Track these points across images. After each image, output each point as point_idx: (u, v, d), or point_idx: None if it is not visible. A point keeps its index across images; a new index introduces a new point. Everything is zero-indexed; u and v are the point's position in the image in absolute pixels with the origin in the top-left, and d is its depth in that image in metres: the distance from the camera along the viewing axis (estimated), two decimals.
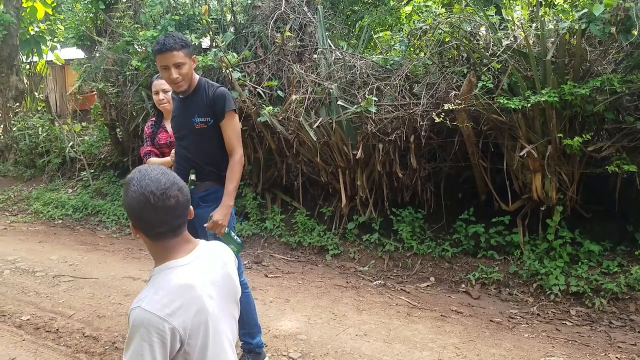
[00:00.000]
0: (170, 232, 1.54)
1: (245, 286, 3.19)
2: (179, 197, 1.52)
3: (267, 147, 6.32)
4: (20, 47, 11.33)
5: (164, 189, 1.49)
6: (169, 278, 1.50)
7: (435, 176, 5.35)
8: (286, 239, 6.00)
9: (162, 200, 1.49)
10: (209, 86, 3.00)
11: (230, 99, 2.98)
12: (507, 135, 4.65)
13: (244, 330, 3.22)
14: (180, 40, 2.84)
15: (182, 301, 1.47)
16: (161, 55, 2.83)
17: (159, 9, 6.67)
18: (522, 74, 4.42)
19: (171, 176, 1.54)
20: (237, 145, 2.99)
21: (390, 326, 3.93)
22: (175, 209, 1.52)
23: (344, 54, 5.57)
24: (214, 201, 3.02)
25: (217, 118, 2.96)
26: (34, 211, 7.87)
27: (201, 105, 2.95)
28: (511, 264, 4.82)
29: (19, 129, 10.19)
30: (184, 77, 2.87)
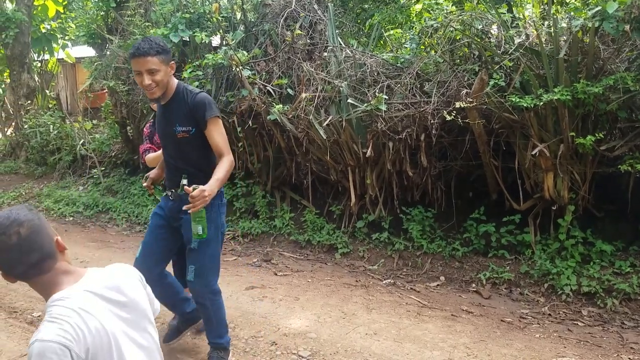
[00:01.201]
0: (31, 270, 1.49)
1: (217, 294, 3.21)
2: (20, 232, 1.46)
3: (277, 146, 6.32)
4: (31, 45, 11.40)
5: (18, 223, 1.46)
6: (62, 307, 1.46)
7: (445, 175, 5.33)
8: (295, 237, 6.00)
9: (3, 241, 1.44)
10: (188, 93, 2.89)
11: (211, 105, 2.88)
12: (518, 133, 4.62)
13: (212, 334, 3.26)
14: (157, 46, 2.70)
15: (80, 326, 1.43)
16: (134, 60, 2.71)
17: (170, 7, 6.69)
18: (534, 72, 4.39)
19: (11, 214, 1.48)
20: (226, 152, 2.89)
21: (400, 325, 3.92)
22: (22, 245, 1.46)
23: (354, 52, 5.55)
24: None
25: (199, 126, 2.87)
26: (45, 208, 7.93)
27: (181, 113, 2.86)
28: (522, 263, 4.79)
29: (30, 127, 10.26)
30: (158, 83, 2.74)
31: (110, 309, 1.53)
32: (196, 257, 3.05)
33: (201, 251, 3.02)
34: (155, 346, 1.67)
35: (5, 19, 10.43)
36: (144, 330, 1.63)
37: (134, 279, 1.68)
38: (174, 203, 3.05)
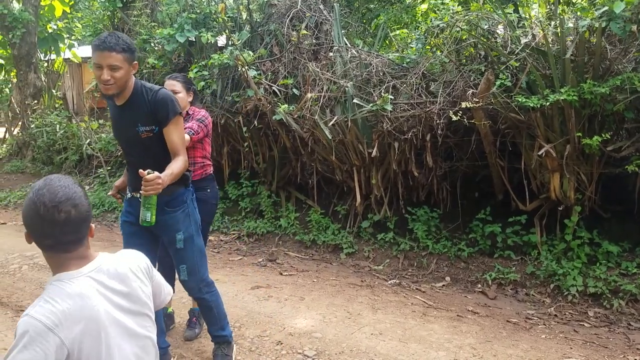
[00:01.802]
0: (59, 246, 1.51)
1: (212, 285, 3.21)
2: (72, 212, 1.48)
3: (282, 145, 6.34)
4: (38, 44, 11.46)
5: (56, 202, 1.46)
6: (60, 289, 1.48)
7: (451, 175, 5.32)
8: (300, 237, 6.00)
9: (51, 213, 1.45)
10: (147, 90, 2.79)
11: (173, 102, 2.80)
12: (525, 134, 4.61)
13: (215, 326, 3.26)
14: (123, 43, 2.62)
15: (71, 312, 1.43)
16: (98, 53, 2.60)
17: (176, 7, 6.70)
18: (540, 73, 4.37)
19: (71, 190, 1.50)
20: (182, 152, 2.81)
21: (405, 325, 3.92)
22: (65, 225, 1.47)
23: (359, 52, 5.55)
24: (180, 204, 2.96)
25: (161, 124, 2.79)
26: None
27: (142, 113, 2.77)
28: (528, 264, 4.78)
29: (36, 126, 10.32)
30: (116, 81, 2.64)
31: (109, 297, 1.54)
32: (185, 256, 3.03)
33: (188, 249, 3.01)
34: (151, 339, 1.67)
35: (12, 19, 10.49)
36: (143, 321, 1.64)
37: (140, 268, 1.68)
38: None
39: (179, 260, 3.05)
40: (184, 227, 2.99)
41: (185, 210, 2.99)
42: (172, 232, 2.97)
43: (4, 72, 12.19)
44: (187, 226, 3.00)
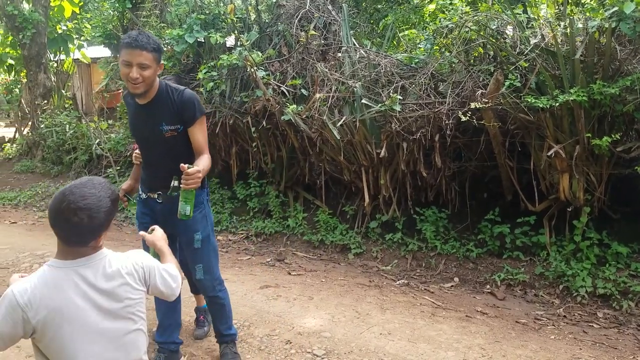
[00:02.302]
0: (63, 238, 1.63)
1: (223, 283, 3.24)
2: (84, 220, 1.58)
3: (290, 146, 6.36)
4: (48, 45, 11.56)
5: (79, 206, 1.57)
6: (46, 274, 1.61)
7: (460, 175, 5.32)
8: (308, 237, 6.02)
9: (69, 211, 1.57)
10: (173, 90, 2.81)
11: (199, 103, 2.83)
12: (534, 134, 4.60)
13: (225, 325, 3.29)
14: (154, 42, 2.63)
15: (42, 298, 1.56)
16: (129, 50, 2.59)
17: (185, 8, 6.74)
18: (550, 73, 4.37)
19: (97, 201, 1.61)
20: (206, 151, 2.85)
21: (414, 326, 3.92)
22: (74, 228, 1.59)
23: (368, 52, 5.56)
24: (198, 205, 2.95)
25: (186, 124, 2.81)
26: None
27: (168, 112, 2.77)
28: (537, 265, 4.77)
29: (46, 126, 10.40)
30: (145, 79, 2.63)
31: (87, 293, 1.62)
32: (202, 255, 3.05)
33: (205, 248, 3.04)
34: (132, 342, 1.73)
35: (22, 20, 10.59)
36: (122, 323, 1.70)
37: (134, 270, 1.74)
38: (164, 205, 2.95)
39: (195, 259, 3.06)
40: (202, 227, 3.02)
41: (202, 211, 3.01)
42: (191, 232, 2.98)
43: (14, 72, 12.30)
44: (204, 226, 3.03)
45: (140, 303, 1.76)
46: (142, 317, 1.79)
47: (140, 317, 1.77)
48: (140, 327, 1.77)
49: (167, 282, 1.86)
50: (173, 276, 1.88)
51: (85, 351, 1.63)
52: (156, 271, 1.80)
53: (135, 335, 1.75)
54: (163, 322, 3.20)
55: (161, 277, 1.82)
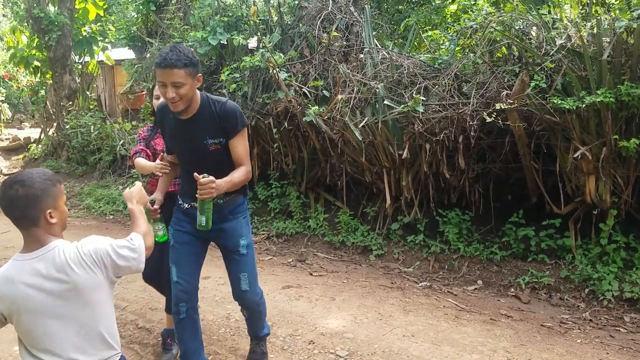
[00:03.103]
0: (13, 222, 1.77)
1: (262, 295, 3.19)
2: (19, 191, 1.73)
3: (312, 147, 6.37)
4: (73, 47, 11.75)
5: (12, 180, 1.76)
6: (7, 266, 1.77)
7: (484, 177, 5.26)
8: (329, 238, 6.03)
9: (4, 187, 1.76)
10: (215, 103, 2.74)
11: (242, 114, 2.78)
12: (560, 136, 4.55)
13: (261, 328, 3.29)
14: (185, 57, 2.52)
15: (1, 288, 1.73)
16: (160, 71, 2.54)
17: (208, 10, 6.81)
18: (576, 74, 4.31)
19: (30, 175, 1.77)
20: (246, 163, 2.79)
21: (438, 328, 3.90)
22: (12, 201, 1.74)
23: (390, 53, 5.55)
24: (242, 212, 2.96)
25: (228, 136, 2.74)
26: (86, 207, 8.16)
27: (211, 125, 2.70)
28: (562, 268, 4.71)
29: (71, 127, 10.58)
30: (182, 97, 2.56)
31: (40, 284, 1.72)
32: (247, 263, 2.97)
33: (249, 255, 2.97)
34: (92, 327, 1.81)
35: (48, 22, 10.78)
36: (79, 308, 1.77)
37: (89, 255, 1.78)
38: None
39: (240, 268, 2.96)
40: (246, 233, 2.97)
41: (245, 217, 2.98)
42: (237, 238, 2.93)
43: (40, 74, 12.50)
44: (247, 232, 2.98)
45: (96, 289, 1.80)
46: (102, 305, 1.84)
47: (98, 304, 1.82)
48: (100, 316, 1.83)
49: (125, 255, 1.85)
50: (131, 247, 1.87)
51: (47, 336, 1.75)
52: (110, 250, 1.82)
53: (94, 323, 1.82)
54: (188, 348, 3.00)
55: (116, 253, 1.83)
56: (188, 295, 2.93)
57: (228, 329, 3.97)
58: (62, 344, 1.76)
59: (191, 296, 2.95)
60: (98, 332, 1.82)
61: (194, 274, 2.98)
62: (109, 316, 1.88)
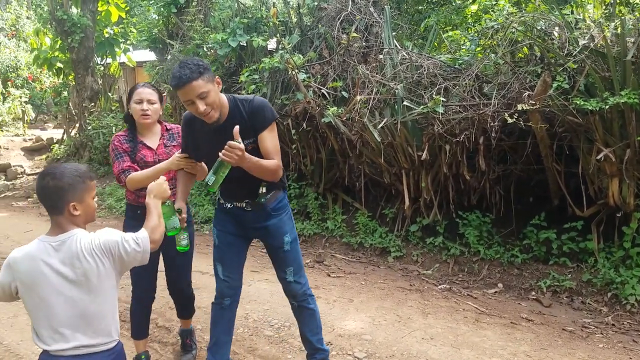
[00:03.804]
0: (45, 207, 1.98)
1: (309, 288, 3.10)
2: (49, 183, 1.92)
3: (330, 148, 6.37)
4: (95, 49, 11.93)
5: (45, 172, 1.96)
6: (32, 244, 1.95)
7: (505, 179, 5.19)
8: (347, 239, 6.02)
9: (39, 178, 1.97)
10: (243, 102, 2.72)
11: (270, 108, 2.73)
12: (583, 137, 4.47)
13: (317, 335, 3.12)
14: (197, 67, 2.49)
15: (20, 264, 1.91)
16: (181, 91, 2.51)
17: (228, 12, 6.85)
18: (599, 75, 4.24)
19: (62, 170, 1.95)
20: (276, 157, 2.72)
21: (457, 331, 3.87)
22: (42, 190, 1.93)
23: (410, 54, 5.52)
24: (283, 209, 2.95)
25: (257, 131, 2.69)
26: (108, 206, 8.27)
27: (243, 127, 2.60)
28: (585, 271, 4.64)
29: (93, 128, 10.73)
30: (213, 105, 2.55)
31: (55, 265, 1.89)
32: (292, 257, 2.95)
33: (294, 250, 2.96)
34: (94, 311, 1.93)
35: (71, 24, 10.97)
36: (84, 293, 1.91)
37: (97, 245, 1.92)
38: (254, 213, 2.88)
39: (285, 263, 2.96)
40: (289, 229, 2.96)
41: (288, 213, 2.97)
42: (281, 235, 2.91)
43: (63, 75, 12.71)
44: (291, 228, 2.97)
45: (104, 278, 1.94)
46: (108, 293, 1.97)
47: (103, 292, 1.95)
48: (104, 303, 1.96)
49: (130, 249, 1.96)
50: (137, 240, 1.98)
51: (52, 312, 1.90)
52: (119, 242, 1.95)
53: (98, 308, 1.94)
54: (220, 339, 3.03)
55: (123, 247, 1.95)
56: (233, 291, 3.03)
57: (246, 328, 3.99)
58: (64, 322, 1.91)
59: (236, 291, 3.05)
60: (99, 318, 1.95)
61: (238, 271, 3.06)
62: (112, 305, 2.01)
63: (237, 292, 3.07)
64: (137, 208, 3.10)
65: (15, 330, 4.00)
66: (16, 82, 17.28)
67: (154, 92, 3.14)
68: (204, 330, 3.86)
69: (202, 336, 3.80)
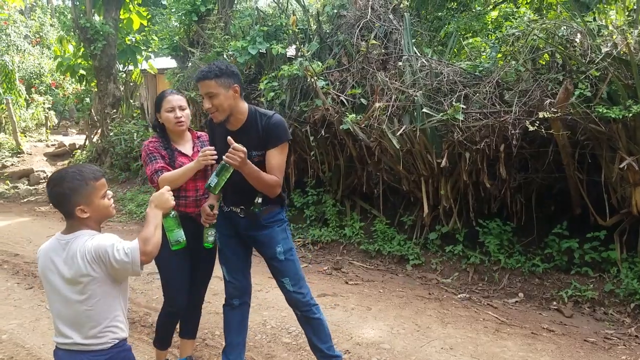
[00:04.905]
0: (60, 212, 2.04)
1: (317, 304, 3.10)
2: (52, 189, 1.98)
3: (348, 155, 6.36)
4: (117, 56, 12.10)
5: (53, 177, 2.01)
6: (50, 240, 2.05)
7: (526, 187, 5.14)
8: (365, 246, 6.00)
9: (49, 181, 2.03)
10: (262, 116, 2.83)
11: (286, 130, 2.84)
12: (605, 146, 4.41)
13: (327, 344, 3.10)
14: (216, 69, 2.67)
15: (40, 257, 2.04)
16: (198, 84, 2.78)
17: (248, 20, 6.91)
18: (623, 82, 4.18)
19: (62, 175, 1.99)
20: (278, 175, 2.82)
21: (477, 341, 3.82)
22: (52, 195, 1.99)
23: (430, 61, 5.50)
24: (277, 222, 3.00)
25: (267, 147, 2.81)
26: (129, 212, 8.37)
27: (256, 138, 2.79)
28: (607, 282, 4.56)
29: (115, 134, 10.88)
30: (217, 108, 2.71)
31: (56, 262, 1.97)
32: (287, 268, 2.99)
33: (289, 260, 2.99)
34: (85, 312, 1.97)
35: (94, 32, 11.15)
36: (78, 294, 1.96)
37: (90, 253, 1.93)
38: (246, 220, 2.98)
39: (280, 273, 3.00)
40: (282, 241, 2.99)
41: (282, 226, 3.02)
42: (273, 246, 2.97)
43: (85, 82, 12.91)
44: (284, 239, 3.01)
45: (93, 282, 1.95)
46: (101, 297, 1.98)
47: (95, 296, 1.97)
48: (97, 307, 1.98)
49: (119, 258, 1.92)
50: (127, 251, 1.93)
51: (54, 307, 2.02)
52: (109, 250, 1.92)
53: (90, 311, 1.97)
54: (232, 340, 3.11)
55: (113, 255, 1.92)
56: (239, 292, 3.10)
57: (264, 335, 3.99)
58: (62, 319, 2.00)
59: (242, 292, 3.11)
60: (93, 321, 1.98)
61: (243, 272, 3.13)
62: (110, 310, 2.02)
63: (245, 293, 3.13)
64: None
65: (37, 334, 4.06)
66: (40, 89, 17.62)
67: (182, 97, 3.16)
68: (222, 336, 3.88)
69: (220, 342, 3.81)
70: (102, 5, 11.80)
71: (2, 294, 4.93)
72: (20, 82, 15.27)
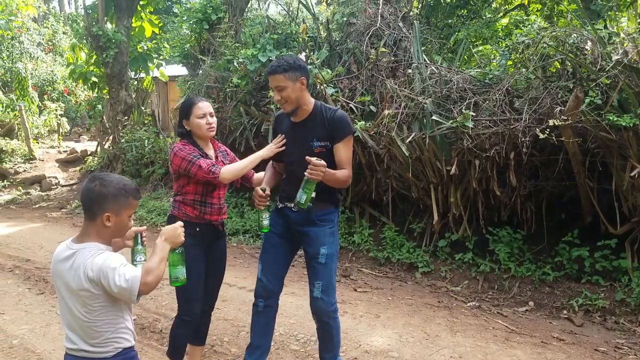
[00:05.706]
0: (83, 209, 2.07)
1: (337, 311, 3.11)
2: (97, 186, 1.99)
3: (357, 162, 6.36)
4: (129, 64, 12.21)
5: (95, 176, 2.04)
6: (61, 245, 2.05)
7: (536, 195, 5.11)
8: (374, 254, 5.98)
9: (89, 180, 2.05)
10: (327, 110, 2.97)
11: (350, 123, 2.98)
12: (616, 154, 4.39)
13: (331, 353, 3.14)
14: (285, 64, 2.84)
15: (52, 262, 2.04)
16: (268, 78, 2.94)
17: (259, 28, 6.96)
18: (633, 90, 4.16)
19: (113, 179, 2.03)
20: (349, 168, 2.94)
21: (487, 350, 3.80)
22: (86, 192, 2.00)
23: (439, 68, 5.51)
24: (329, 222, 3.01)
25: (334, 141, 2.92)
26: (139, 217, 8.41)
27: (320, 129, 2.92)
28: (618, 291, 4.52)
29: (126, 141, 10.96)
30: (286, 99, 2.88)
31: (64, 271, 1.98)
32: (323, 273, 2.99)
33: (328, 266, 2.99)
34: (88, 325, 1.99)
35: (106, 40, 11.27)
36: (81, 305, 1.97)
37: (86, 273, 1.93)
38: (298, 214, 2.99)
39: (316, 275, 3.00)
40: (329, 243, 2.99)
41: (332, 228, 3.03)
42: (318, 245, 2.97)
43: (97, 89, 13.03)
44: (331, 243, 3.01)
45: (92, 298, 1.95)
46: (101, 311, 1.98)
47: (95, 310, 1.97)
48: (98, 319, 1.99)
49: (118, 284, 1.90)
50: (128, 278, 1.90)
51: (62, 312, 2.04)
52: (110, 274, 1.90)
53: (91, 323, 1.98)
54: (254, 342, 3.13)
55: (113, 280, 1.90)
56: (267, 293, 3.08)
57: (272, 342, 3.97)
58: (68, 325, 2.03)
59: (270, 295, 3.10)
60: (95, 331, 2.00)
61: (277, 274, 3.12)
62: (111, 321, 2.03)
63: (272, 296, 3.10)
64: (197, 225, 3.03)
65: (47, 339, 4.09)
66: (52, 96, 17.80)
67: (211, 104, 3.19)
68: (230, 343, 3.89)
69: (229, 348, 3.82)
70: (115, 14, 11.93)
71: (14, 299, 4.97)
72: (33, 89, 15.42)
